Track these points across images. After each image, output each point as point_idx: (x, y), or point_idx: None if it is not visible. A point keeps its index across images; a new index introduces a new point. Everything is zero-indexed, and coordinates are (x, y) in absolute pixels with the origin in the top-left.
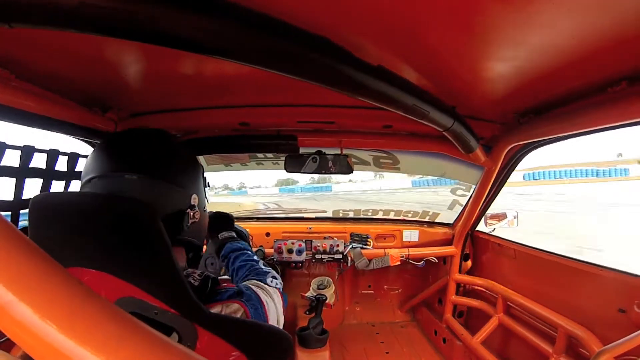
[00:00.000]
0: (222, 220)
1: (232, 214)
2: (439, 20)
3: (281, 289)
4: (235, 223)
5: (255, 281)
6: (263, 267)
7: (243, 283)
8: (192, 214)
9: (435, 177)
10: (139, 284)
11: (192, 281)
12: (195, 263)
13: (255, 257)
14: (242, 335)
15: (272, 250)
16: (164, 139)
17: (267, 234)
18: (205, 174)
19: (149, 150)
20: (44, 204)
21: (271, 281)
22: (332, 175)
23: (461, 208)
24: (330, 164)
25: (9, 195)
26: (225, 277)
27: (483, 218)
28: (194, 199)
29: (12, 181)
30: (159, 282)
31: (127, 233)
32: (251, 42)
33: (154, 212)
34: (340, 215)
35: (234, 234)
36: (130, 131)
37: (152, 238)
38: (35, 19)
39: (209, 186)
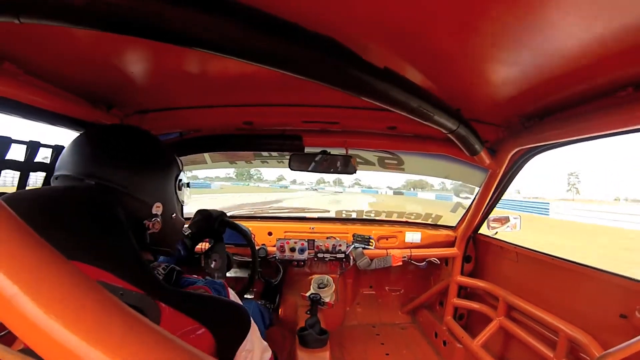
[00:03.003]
0: None
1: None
2: (445, 23)
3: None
4: (237, 222)
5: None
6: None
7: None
8: (150, 224)
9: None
10: (104, 267)
11: (158, 275)
12: (189, 261)
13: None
14: (204, 310)
15: (274, 249)
16: (136, 141)
17: (270, 233)
18: None
19: (114, 155)
20: (9, 202)
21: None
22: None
23: (464, 211)
24: (335, 163)
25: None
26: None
27: (486, 221)
28: (157, 208)
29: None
30: (121, 263)
31: (85, 220)
32: (258, 41)
33: (109, 198)
34: (343, 216)
35: None
36: (104, 129)
37: (108, 222)
38: (45, 15)
39: (188, 186)
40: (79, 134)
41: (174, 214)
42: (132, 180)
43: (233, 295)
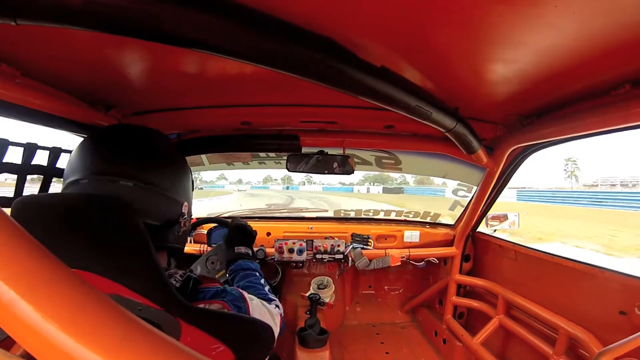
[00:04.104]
0: (245, 236)
1: (255, 231)
2: (442, 21)
3: (282, 316)
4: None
5: (261, 300)
6: (269, 293)
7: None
8: (183, 222)
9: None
10: (122, 281)
11: (174, 282)
12: (182, 263)
13: (262, 281)
14: (225, 328)
15: (272, 250)
16: (160, 141)
17: (268, 234)
18: None
19: (147, 155)
20: (27, 206)
21: (274, 308)
22: None
23: (462, 209)
24: (332, 164)
25: (9, 192)
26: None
27: (484, 219)
28: (185, 207)
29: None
30: (140, 278)
31: (106, 232)
32: (256, 41)
33: (133, 210)
34: (342, 215)
35: (250, 252)
36: (125, 129)
37: (131, 236)
38: (41, 16)
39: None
40: (88, 136)
41: (191, 214)
42: (167, 180)
43: (256, 307)
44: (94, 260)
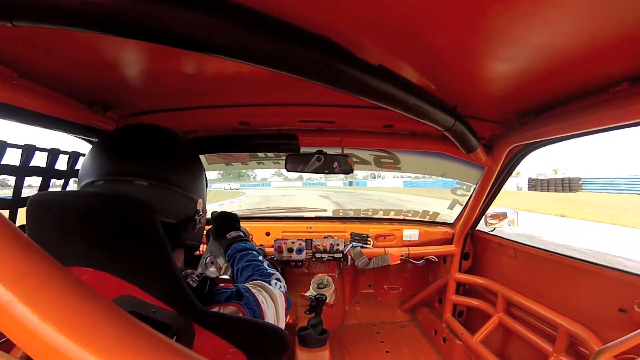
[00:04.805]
0: (229, 221)
1: (237, 214)
2: (440, 20)
3: (285, 292)
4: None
5: (259, 281)
6: (268, 268)
7: (244, 284)
8: (198, 219)
9: None
10: (136, 283)
11: (191, 282)
12: (192, 262)
13: (260, 258)
14: (239, 332)
15: (272, 250)
16: (173, 139)
17: (267, 234)
18: None
19: (161, 154)
20: (42, 203)
21: (275, 284)
22: None
23: (461, 208)
24: (331, 163)
25: (7, 194)
26: (225, 277)
27: (483, 218)
28: (200, 204)
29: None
30: (156, 280)
31: (123, 232)
32: (253, 41)
33: (150, 211)
34: (341, 214)
35: (241, 234)
36: (136, 129)
37: (148, 237)
38: (38, 18)
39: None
40: (101, 139)
41: (206, 211)
42: (182, 177)
43: (268, 313)
44: (109, 260)
